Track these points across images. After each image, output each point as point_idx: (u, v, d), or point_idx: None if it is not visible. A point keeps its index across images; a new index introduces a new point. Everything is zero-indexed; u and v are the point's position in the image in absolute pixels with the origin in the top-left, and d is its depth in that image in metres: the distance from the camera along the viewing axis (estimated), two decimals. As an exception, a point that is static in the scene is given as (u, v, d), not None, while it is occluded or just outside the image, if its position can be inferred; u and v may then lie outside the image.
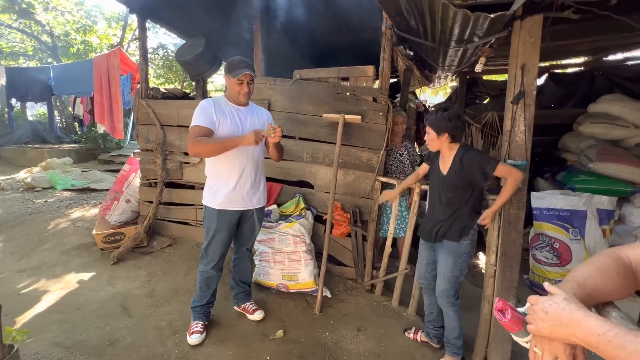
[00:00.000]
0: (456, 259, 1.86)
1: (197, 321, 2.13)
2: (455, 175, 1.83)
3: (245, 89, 1.96)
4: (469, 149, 1.83)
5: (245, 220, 2.16)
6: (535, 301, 0.69)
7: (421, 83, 3.67)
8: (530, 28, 1.75)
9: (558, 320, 0.62)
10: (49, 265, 3.04)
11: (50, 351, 1.90)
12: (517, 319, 0.74)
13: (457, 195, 1.86)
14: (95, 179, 6.61)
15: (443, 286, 1.90)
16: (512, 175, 1.73)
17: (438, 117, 1.81)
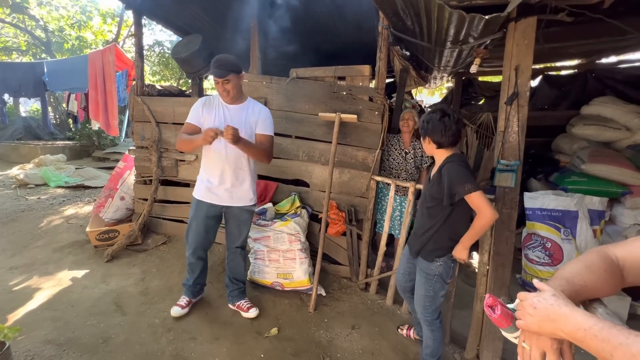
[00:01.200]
0: (427, 279, 1.75)
1: (183, 296, 2.33)
2: (433, 185, 1.69)
3: (220, 88, 1.99)
4: (453, 162, 1.63)
5: (229, 218, 2.22)
6: (524, 297, 0.71)
7: (417, 83, 3.70)
8: (524, 30, 1.78)
9: (546, 315, 0.64)
10: (41, 262, 3.01)
11: (42, 348, 1.89)
12: (506, 315, 0.76)
13: (435, 208, 1.70)
14: (90, 176, 6.55)
15: (419, 303, 1.83)
16: (482, 212, 1.52)
17: (421, 120, 1.71)
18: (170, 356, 1.92)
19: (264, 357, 1.95)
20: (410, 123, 2.88)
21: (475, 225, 1.57)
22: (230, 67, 1.96)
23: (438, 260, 1.72)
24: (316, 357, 1.99)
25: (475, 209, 1.56)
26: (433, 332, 1.84)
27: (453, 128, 1.62)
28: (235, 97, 2.06)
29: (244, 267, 2.38)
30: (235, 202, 2.16)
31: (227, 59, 1.99)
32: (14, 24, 10.07)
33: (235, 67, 1.98)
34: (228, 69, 1.95)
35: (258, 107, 2.17)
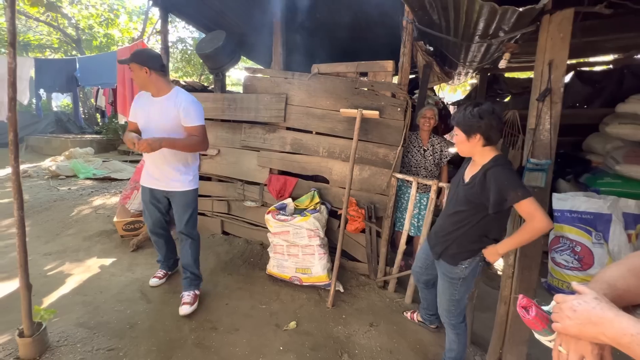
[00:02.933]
0: (452, 283, 1.69)
1: (160, 269, 2.66)
2: (472, 187, 1.54)
3: (131, 75, 2.17)
4: (501, 165, 1.49)
5: (171, 203, 2.36)
6: (562, 299, 0.68)
7: (440, 79, 3.61)
8: (560, 23, 1.69)
9: (587, 318, 0.61)
10: (72, 249, 3.17)
11: (74, 331, 1.99)
12: (541, 317, 0.73)
13: (467, 211, 1.59)
14: (115, 168, 6.83)
15: (442, 307, 1.78)
16: (534, 220, 1.39)
17: (467, 115, 1.51)
18: (193, 344, 1.98)
19: (283, 350, 1.98)
20: (432, 121, 2.83)
21: (526, 233, 1.43)
22: (141, 57, 2.06)
23: (463, 263, 1.64)
24: (334, 352, 2.00)
25: (525, 216, 1.42)
26: (458, 336, 1.80)
27: (501, 123, 1.53)
28: (150, 89, 2.15)
29: (191, 255, 2.35)
30: (170, 187, 2.27)
31: (140, 50, 2.16)
32: (48, 22, 10.57)
33: (137, 57, 2.06)
34: (138, 59, 2.05)
35: (180, 98, 2.14)
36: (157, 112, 2.14)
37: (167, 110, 2.12)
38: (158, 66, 2.11)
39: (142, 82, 2.13)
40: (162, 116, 2.12)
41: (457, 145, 1.62)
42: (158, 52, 2.48)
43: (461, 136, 1.56)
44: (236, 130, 3.25)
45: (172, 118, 2.12)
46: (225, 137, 3.30)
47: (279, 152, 3.09)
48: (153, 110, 2.15)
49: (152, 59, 2.09)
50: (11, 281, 2.54)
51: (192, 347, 1.95)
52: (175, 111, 2.11)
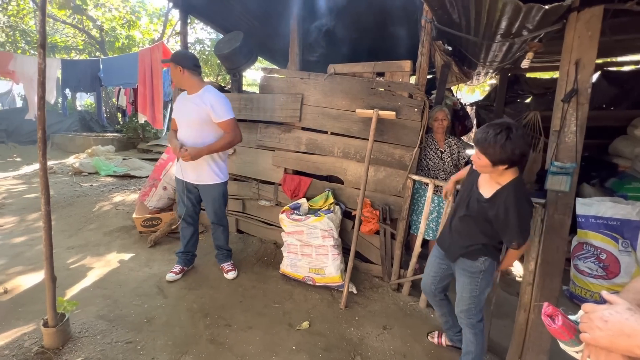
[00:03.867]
0: (472, 277, 1.68)
1: (177, 264, 2.71)
2: (491, 209, 1.52)
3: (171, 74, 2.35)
4: (523, 198, 1.47)
5: (202, 196, 2.57)
6: (592, 309, 0.65)
7: (459, 80, 3.54)
8: (588, 21, 1.63)
9: (620, 330, 0.58)
10: (93, 244, 3.27)
11: (95, 323, 2.05)
12: (568, 327, 0.70)
13: (481, 221, 1.61)
14: (135, 166, 7.01)
15: (461, 307, 1.75)
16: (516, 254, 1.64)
17: (498, 144, 1.37)
18: (207, 340, 2.01)
19: (295, 350, 1.98)
20: (445, 123, 2.80)
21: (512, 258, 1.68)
22: (180, 59, 2.28)
23: (483, 257, 1.65)
24: (347, 354, 1.99)
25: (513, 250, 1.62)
26: (476, 337, 1.76)
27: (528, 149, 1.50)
28: (184, 86, 2.36)
29: (222, 237, 2.74)
30: (201, 181, 2.47)
31: (179, 52, 2.42)
32: (74, 24, 10.98)
33: (173, 57, 2.29)
34: (178, 60, 2.27)
35: (207, 96, 2.32)
36: (188, 109, 2.34)
37: (196, 107, 2.31)
38: (191, 65, 2.30)
39: (177, 80, 2.35)
40: (192, 112, 2.32)
41: (477, 166, 1.54)
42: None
43: (485, 162, 1.45)
44: (252, 130, 3.29)
45: (200, 114, 2.30)
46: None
47: (293, 152, 3.10)
48: (186, 107, 2.36)
49: (185, 59, 2.31)
50: (37, 273, 2.65)
51: (207, 343, 1.98)
52: (203, 108, 2.29)
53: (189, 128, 2.36)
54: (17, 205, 4.42)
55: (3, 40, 10.83)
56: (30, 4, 9.99)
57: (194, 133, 2.37)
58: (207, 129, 2.36)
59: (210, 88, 2.38)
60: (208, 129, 2.36)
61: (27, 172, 6.71)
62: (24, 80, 5.40)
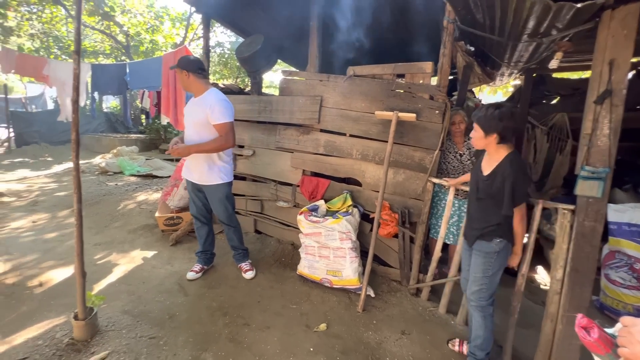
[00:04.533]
0: (486, 257, 1.77)
1: (197, 263, 2.78)
2: (491, 184, 1.72)
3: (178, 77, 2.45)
4: (520, 170, 1.68)
5: (208, 196, 2.62)
6: (631, 323, 0.62)
7: (481, 81, 3.45)
8: (624, 19, 1.55)
9: None
10: (119, 241, 3.40)
11: (120, 317, 2.13)
12: (605, 340, 0.67)
13: (490, 200, 1.75)
14: (157, 166, 7.24)
15: (473, 287, 1.83)
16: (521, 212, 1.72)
17: (488, 115, 1.69)
18: (226, 339, 2.04)
19: (313, 351, 1.98)
20: (462, 126, 2.75)
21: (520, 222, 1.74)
22: (186, 63, 2.36)
23: (498, 238, 1.74)
24: (364, 358, 1.97)
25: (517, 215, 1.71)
26: (485, 320, 1.81)
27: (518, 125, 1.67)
28: (191, 90, 2.44)
29: (235, 238, 2.77)
30: (203, 181, 2.52)
31: (185, 56, 2.46)
32: (102, 30, 11.49)
33: (179, 62, 2.38)
34: (183, 65, 2.36)
35: (209, 98, 2.39)
36: (193, 111, 2.43)
37: (199, 108, 2.39)
38: (195, 69, 2.38)
39: (184, 84, 2.46)
40: (196, 114, 2.40)
41: (473, 139, 1.79)
42: (198, 56, 2.72)
43: (479, 133, 1.73)
44: (271, 132, 3.32)
45: (202, 116, 2.37)
46: (261, 138, 3.39)
47: (312, 154, 3.12)
48: (192, 109, 2.45)
49: (190, 63, 2.39)
50: (67, 267, 2.78)
51: (226, 341, 2.01)
52: (204, 109, 2.36)
53: (191, 129, 2.44)
54: (49, 202, 4.65)
55: (37, 47, 11.47)
56: (62, 11, 10.52)
57: (194, 133, 2.43)
58: (205, 130, 2.38)
59: (215, 90, 2.43)
60: (206, 130, 2.38)
61: (57, 171, 7.05)
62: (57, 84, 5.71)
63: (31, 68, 5.68)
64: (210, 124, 2.37)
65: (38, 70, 5.63)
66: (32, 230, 3.64)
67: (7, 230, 3.58)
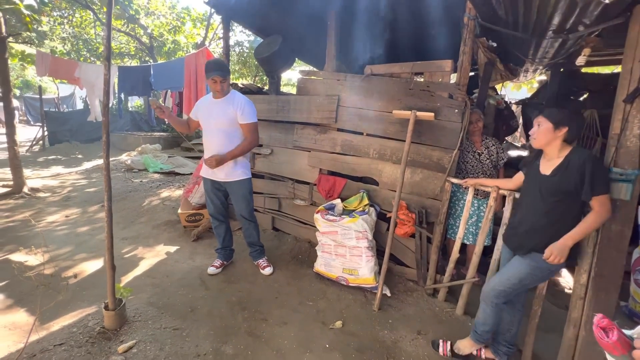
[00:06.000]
0: (535, 271, 1.68)
1: (217, 259, 2.89)
2: (562, 175, 1.60)
3: (217, 87, 2.43)
4: (587, 151, 1.61)
5: (230, 193, 2.71)
6: None
7: (504, 77, 3.35)
8: (658, 13, 1.48)
9: None
10: (144, 236, 3.56)
11: (146, 309, 2.25)
12: (623, 342, 0.67)
13: (561, 201, 1.61)
14: (179, 164, 7.49)
15: (498, 287, 1.77)
16: (604, 208, 1.52)
17: (559, 110, 1.62)
18: (245, 332, 2.11)
19: (329, 348, 2.02)
20: (480, 124, 2.70)
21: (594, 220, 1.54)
22: (227, 70, 2.45)
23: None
24: (380, 356, 1.99)
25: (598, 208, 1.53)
26: (496, 314, 1.85)
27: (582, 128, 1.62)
28: (225, 93, 2.49)
29: (255, 234, 2.85)
30: (224, 178, 2.60)
31: (224, 63, 2.48)
32: (127, 32, 11.94)
33: (229, 70, 2.47)
34: (226, 72, 2.43)
35: (237, 99, 2.50)
36: (217, 111, 2.49)
37: (226, 109, 2.47)
38: (229, 72, 2.51)
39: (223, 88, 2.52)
40: (221, 115, 2.48)
41: (538, 134, 1.66)
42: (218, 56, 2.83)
43: (548, 126, 1.62)
44: (289, 131, 3.37)
45: (230, 116, 2.47)
46: (279, 137, 3.44)
47: (329, 153, 3.14)
48: (214, 110, 2.51)
49: (228, 68, 2.52)
50: (98, 260, 2.95)
51: (245, 335, 2.09)
52: (233, 111, 2.46)
53: (218, 130, 2.49)
54: (80, 198, 4.92)
55: (69, 49, 12.07)
56: (91, 15, 11.01)
57: (223, 135, 2.50)
58: (234, 131, 2.53)
59: (238, 92, 2.58)
60: (235, 130, 2.53)
61: (87, 167, 7.42)
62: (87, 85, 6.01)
63: (64, 71, 6.01)
64: (236, 124, 2.49)
65: (70, 73, 5.95)
66: (66, 224, 3.87)
67: (43, 224, 3.82)
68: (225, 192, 2.74)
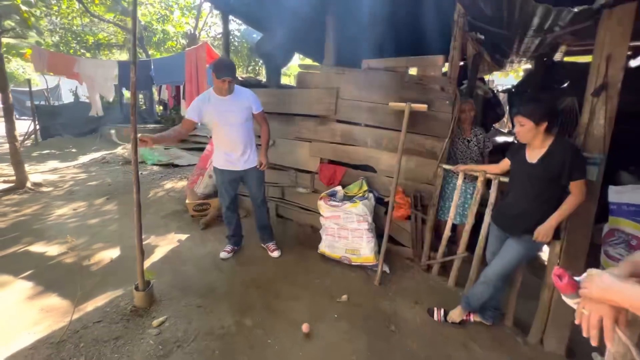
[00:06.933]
0: (529, 250, 1.94)
1: (228, 245, 3.09)
2: (546, 164, 1.79)
3: (226, 86, 2.52)
4: (568, 141, 1.80)
5: (248, 180, 2.87)
6: (595, 272, 0.85)
7: (491, 68, 3.58)
8: (620, 18, 1.70)
9: (610, 286, 0.78)
10: (155, 226, 3.74)
11: (170, 290, 2.46)
12: (572, 284, 0.90)
13: (547, 187, 1.82)
14: (176, 155, 7.57)
15: (500, 271, 1.99)
16: (581, 195, 1.73)
17: (536, 106, 1.76)
18: (261, 307, 2.35)
19: (337, 318, 2.28)
20: (472, 113, 2.91)
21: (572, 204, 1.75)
22: (235, 70, 2.58)
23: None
24: (382, 322, 2.26)
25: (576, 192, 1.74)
26: (489, 289, 2.07)
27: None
28: (230, 91, 2.59)
29: (265, 217, 3.05)
30: (247, 166, 2.79)
31: (234, 64, 2.63)
32: (116, 23, 11.69)
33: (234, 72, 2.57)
34: (235, 72, 2.57)
35: (245, 92, 2.71)
36: (233, 107, 2.64)
37: (241, 104, 2.66)
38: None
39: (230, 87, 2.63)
40: (238, 110, 2.65)
41: (523, 133, 1.83)
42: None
43: (529, 124, 1.78)
44: (290, 123, 3.55)
45: (247, 110, 2.68)
46: (280, 129, 3.62)
47: (329, 143, 3.34)
48: (229, 107, 2.62)
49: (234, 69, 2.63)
50: (114, 249, 3.13)
51: (261, 309, 2.33)
52: (248, 104, 2.67)
53: (240, 125, 2.65)
54: (83, 191, 5.03)
55: (57, 41, 11.76)
56: (76, 5, 10.73)
57: (243, 128, 2.69)
58: (251, 123, 2.76)
59: (241, 87, 2.74)
60: (251, 122, 2.76)
61: (84, 161, 7.45)
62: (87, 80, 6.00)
63: (62, 66, 5.98)
64: (251, 116, 2.73)
65: (69, 68, 5.92)
66: (75, 216, 4.01)
67: (54, 217, 3.96)
68: (239, 182, 2.91)
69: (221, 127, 2.65)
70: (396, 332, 2.19)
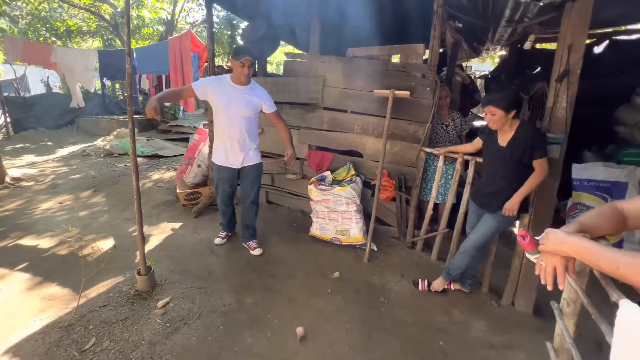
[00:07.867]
0: (502, 223, 2.16)
1: (222, 231, 3.15)
2: (513, 147, 1.98)
3: (245, 70, 2.47)
4: (530, 124, 1.99)
5: (243, 177, 2.81)
6: (551, 230, 1.04)
7: (468, 56, 3.76)
8: (581, 10, 1.88)
9: (561, 240, 0.97)
10: (146, 216, 3.76)
11: (169, 274, 2.56)
12: (532, 242, 1.08)
13: (515, 167, 2.01)
14: (159, 146, 7.46)
15: (478, 243, 2.22)
16: (544, 172, 1.93)
17: (504, 96, 1.92)
18: (259, 287, 2.50)
19: (331, 292, 2.46)
20: (448, 100, 3.11)
21: (536, 180, 1.96)
22: (252, 53, 2.49)
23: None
24: (372, 295, 2.46)
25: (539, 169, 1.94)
26: (466, 258, 2.28)
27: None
28: (248, 78, 2.55)
29: (254, 218, 2.99)
30: (247, 163, 2.75)
31: (250, 48, 2.58)
32: (87, 8, 11.09)
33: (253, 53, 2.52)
34: (253, 55, 2.49)
35: (259, 90, 2.65)
36: (241, 100, 2.57)
37: (251, 99, 2.60)
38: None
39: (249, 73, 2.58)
40: (246, 104, 2.58)
41: (494, 121, 1.99)
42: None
43: (500, 113, 1.95)
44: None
45: (255, 107, 2.63)
46: (268, 117, 3.69)
47: (317, 130, 3.46)
48: (237, 97, 2.56)
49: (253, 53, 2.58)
50: (107, 240, 3.17)
51: (260, 288, 2.47)
52: (259, 101, 2.62)
53: (243, 118, 2.59)
54: (67, 185, 4.94)
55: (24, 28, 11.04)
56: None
57: (246, 123, 2.63)
58: (256, 119, 2.72)
59: (257, 83, 2.69)
60: (256, 119, 2.72)
61: (63, 155, 7.23)
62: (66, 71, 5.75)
63: (38, 56, 5.69)
64: (257, 113, 2.67)
65: (45, 58, 5.66)
66: (62, 210, 3.98)
67: (39, 211, 3.92)
68: (236, 179, 2.85)
69: (221, 115, 2.57)
70: (385, 302, 2.40)
